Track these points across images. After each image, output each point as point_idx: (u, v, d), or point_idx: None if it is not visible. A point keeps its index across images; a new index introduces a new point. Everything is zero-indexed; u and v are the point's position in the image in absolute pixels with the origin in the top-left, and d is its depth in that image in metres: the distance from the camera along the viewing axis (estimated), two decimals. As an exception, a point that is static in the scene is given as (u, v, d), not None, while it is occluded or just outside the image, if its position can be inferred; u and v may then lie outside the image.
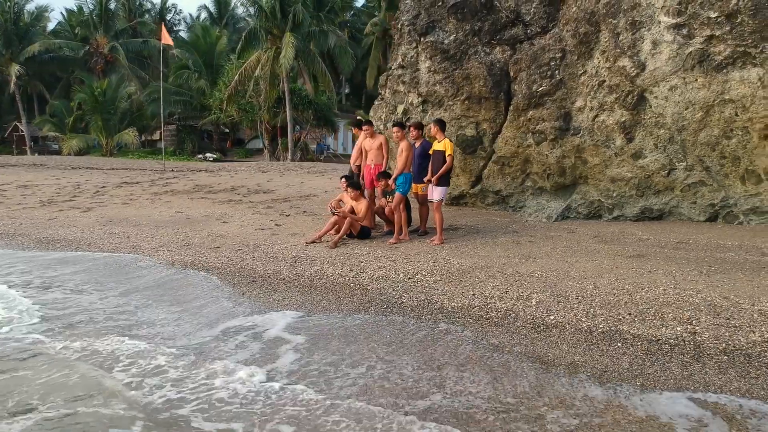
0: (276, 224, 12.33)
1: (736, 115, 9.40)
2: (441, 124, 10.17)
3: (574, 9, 11.27)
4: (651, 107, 10.12)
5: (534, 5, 11.88)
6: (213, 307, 7.39)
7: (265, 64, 40.07)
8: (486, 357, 5.59)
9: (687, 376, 5.07)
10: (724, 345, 5.52)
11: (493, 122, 11.93)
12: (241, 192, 18.06)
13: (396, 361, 5.55)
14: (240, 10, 61.22)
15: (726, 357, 5.34)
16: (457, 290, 7.44)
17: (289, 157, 42.30)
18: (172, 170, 28.03)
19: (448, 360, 5.56)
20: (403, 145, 10.28)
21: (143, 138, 53.88)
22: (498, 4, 12.28)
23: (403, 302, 7.24)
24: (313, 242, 10.38)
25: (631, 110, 10.25)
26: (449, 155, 9.84)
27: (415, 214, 11.16)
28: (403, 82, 12.98)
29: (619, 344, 5.73)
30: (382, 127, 13.64)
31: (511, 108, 11.67)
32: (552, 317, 6.43)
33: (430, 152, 10.11)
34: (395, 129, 10.47)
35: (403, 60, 13.16)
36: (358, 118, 12.31)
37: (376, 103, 14.38)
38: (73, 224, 13.02)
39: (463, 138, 12.19)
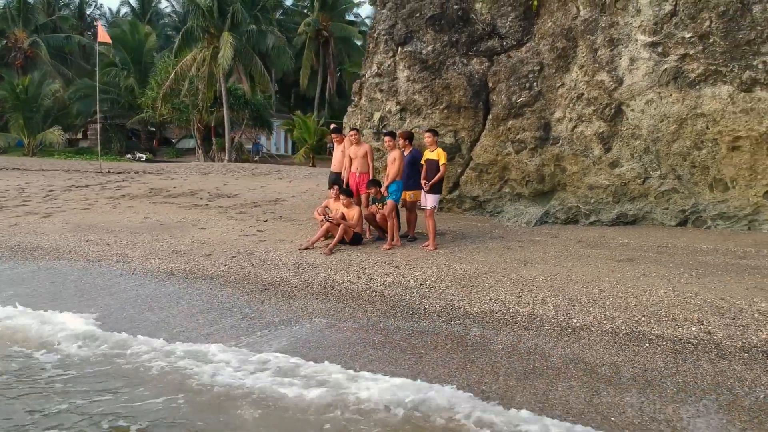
0: (258, 230, 12.35)
1: (707, 128, 10.19)
2: (435, 133, 10.53)
3: (550, 24, 11.85)
4: (628, 119, 10.81)
5: (510, 19, 12.41)
6: (235, 317, 7.47)
7: (202, 63, 39.41)
8: (532, 360, 5.96)
9: (719, 372, 5.58)
10: (740, 343, 6.09)
11: (472, 131, 12.38)
12: (203, 196, 17.84)
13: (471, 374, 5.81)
14: (164, 5, 59.85)
15: (747, 354, 5.89)
16: (473, 296, 7.78)
17: (226, 157, 41.75)
18: (109, 171, 27.19)
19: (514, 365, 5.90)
20: (395, 154, 10.56)
21: (67, 137, 51.76)
22: (474, 17, 12.75)
23: (426, 308, 7.53)
24: (306, 249, 10.51)
25: (608, 122, 10.90)
26: (443, 164, 10.21)
27: (402, 219, 11.44)
28: (381, 90, 13.25)
29: (646, 345, 6.21)
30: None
31: (489, 117, 12.15)
32: (575, 320, 6.87)
33: (423, 161, 10.44)
34: (387, 138, 10.75)
35: (379, 68, 13.43)
36: (333, 126, 12.47)
37: (349, 109, 14.58)
38: (39, 231, 12.62)
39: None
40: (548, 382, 5.48)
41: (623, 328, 6.60)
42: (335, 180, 11.80)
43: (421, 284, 8.35)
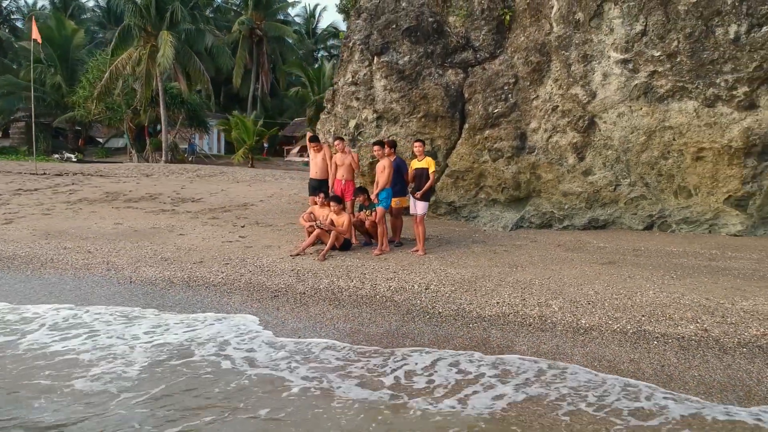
0: (240, 236, 12.43)
1: (674, 139, 11.04)
2: (423, 143, 10.96)
3: (523, 38, 12.48)
4: (600, 131, 11.55)
5: (483, 32, 12.97)
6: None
7: (137, 62, 38.50)
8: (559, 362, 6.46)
9: (727, 366, 6.22)
10: (736, 339, 6.77)
11: (448, 139, 12.87)
12: (164, 200, 17.63)
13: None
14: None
15: (745, 349, 6.57)
16: (480, 299, 8.23)
17: (163, 158, 40.90)
18: (44, 173, 26.27)
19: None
20: (385, 162, 10.91)
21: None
22: (448, 30, 13.24)
23: (440, 312, 7.92)
24: (298, 255, 10.72)
25: (582, 133, 11.61)
26: (433, 172, 10.67)
27: (388, 225, 11.78)
28: (357, 99, 13.56)
29: (655, 342, 6.82)
30: (331, 140, 14.08)
31: (466, 126, 12.67)
32: (583, 321, 7.42)
33: (411, 169, 10.86)
34: (376, 147, 11.08)
35: (353, 77, 13.72)
36: (310, 134, 12.69)
37: (323, 116, 14.81)
38: (8, 238, 12.26)
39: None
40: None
41: (629, 327, 7.19)
42: (317, 187, 12.03)
43: (426, 289, 8.73)
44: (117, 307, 8.23)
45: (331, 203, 11.01)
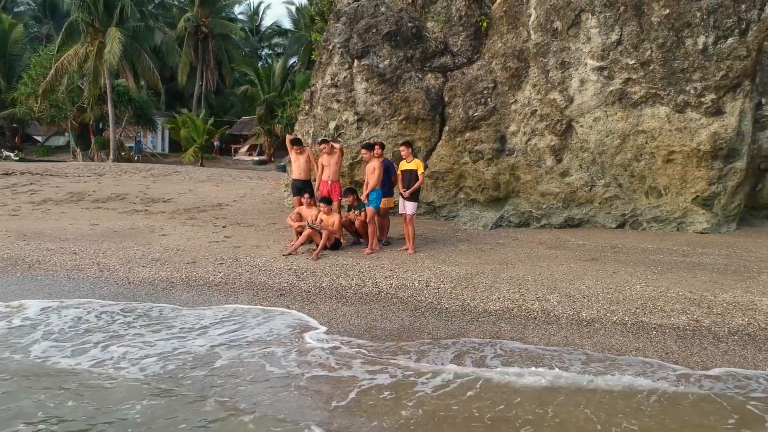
0: (225, 236, 12.50)
1: (646, 143, 11.73)
2: (410, 146, 11.31)
3: (500, 45, 12.98)
4: (577, 134, 12.14)
5: (461, 38, 13.42)
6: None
7: (83, 59, 37.56)
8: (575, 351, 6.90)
9: (725, 352, 6.79)
10: (726, 328, 7.36)
11: (429, 141, 13.26)
12: (133, 201, 17.41)
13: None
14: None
15: (736, 337, 7.17)
16: (481, 295, 8.62)
17: (111, 157, 40.02)
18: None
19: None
20: (375, 163, 11.20)
21: None
22: (427, 35, 13.63)
23: (447, 308, 8.27)
24: (290, 254, 10.90)
25: (560, 136, 12.18)
26: (421, 173, 11.04)
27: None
28: (338, 101, 13.79)
29: (654, 332, 7.34)
30: (310, 141, 14.26)
31: (446, 129, 13.08)
32: (584, 314, 7.90)
33: (399, 171, 11.20)
34: (363, 150, 11.36)
35: (333, 79, 13.95)
36: (293, 137, 12.85)
37: (301, 117, 14.99)
38: (-26, 239, 12.01)
39: (398, 155, 13.34)
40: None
41: (626, 319, 7.70)
42: (302, 188, 12.24)
43: (426, 286, 9.08)
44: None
45: (321, 204, 11.24)
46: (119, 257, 10.85)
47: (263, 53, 68.34)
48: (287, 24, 63.55)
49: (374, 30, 13.58)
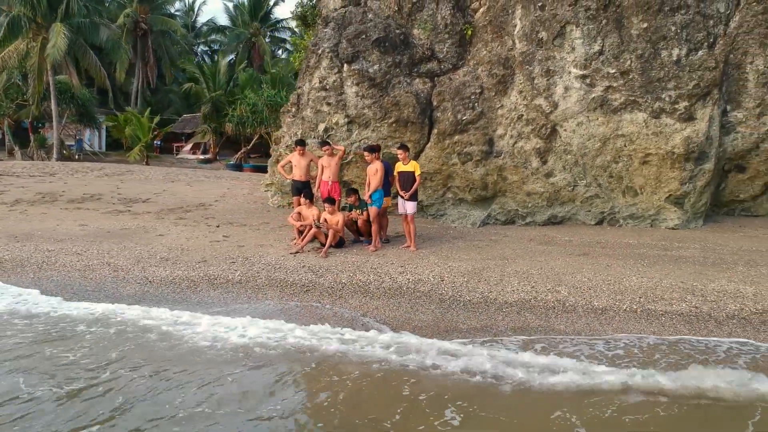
0: (224, 236, 12.73)
1: (625, 146, 12.67)
2: (406, 149, 11.89)
3: (485, 52, 13.69)
4: (561, 138, 12.98)
5: (447, 45, 14.05)
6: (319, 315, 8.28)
7: (24, 55, 36.40)
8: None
9: (730, 333, 7.66)
10: (724, 314, 8.26)
11: (417, 143, 13.85)
12: (110, 201, 17.23)
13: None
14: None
15: (734, 321, 8.06)
16: (496, 288, 9.27)
17: (55, 155, 38.85)
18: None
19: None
20: (377, 165, 11.72)
21: None
22: (414, 41, 14.21)
23: (469, 300, 8.89)
24: (297, 252, 11.30)
25: (545, 139, 12.99)
26: (419, 174, 11.65)
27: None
28: (328, 104, 14.21)
29: (663, 318, 8.17)
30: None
31: (435, 132, 13.71)
32: (596, 303, 8.66)
33: (396, 172, 11.77)
34: (366, 152, 11.86)
35: (322, 82, 14.35)
36: (297, 139, 13.29)
37: (289, 120, 15.29)
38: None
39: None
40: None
41: (635, 307, 8.50)
42: (301, 188, 12.67)
43: (441, 280, 9.67)
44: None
45: (326, 204, 11.67)
46: (126, 257, 10.99)
47: (199, 50, 67.33)
48: (224, 20, 62.94)
49: (364, 36, 14.06)
